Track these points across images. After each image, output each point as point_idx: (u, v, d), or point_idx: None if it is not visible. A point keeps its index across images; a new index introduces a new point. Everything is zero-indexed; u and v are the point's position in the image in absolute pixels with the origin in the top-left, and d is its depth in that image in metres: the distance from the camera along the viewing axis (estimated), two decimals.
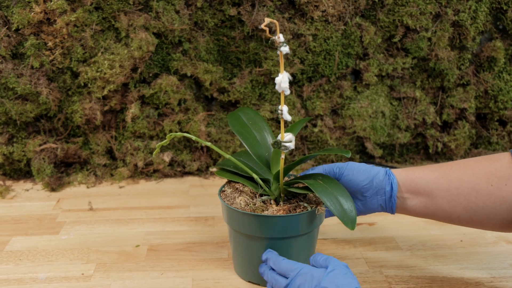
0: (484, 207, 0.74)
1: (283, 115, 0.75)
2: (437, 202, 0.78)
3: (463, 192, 0.76)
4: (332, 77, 1.30)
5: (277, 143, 0.76)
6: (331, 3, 1.22)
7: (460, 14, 1.25)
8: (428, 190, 0.78)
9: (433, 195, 0.78)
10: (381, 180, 0.81)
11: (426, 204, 0.79)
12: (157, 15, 1.20)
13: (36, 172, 1.23)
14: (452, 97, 1.33)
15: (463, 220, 0.77)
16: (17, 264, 0.91)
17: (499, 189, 0.73)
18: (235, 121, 0.91)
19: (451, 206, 0.77)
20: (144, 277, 0.87)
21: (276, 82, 0.72)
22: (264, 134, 0.91)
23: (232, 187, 0.88)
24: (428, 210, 0.79)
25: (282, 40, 0.70)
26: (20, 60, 1.19)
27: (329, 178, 0.78)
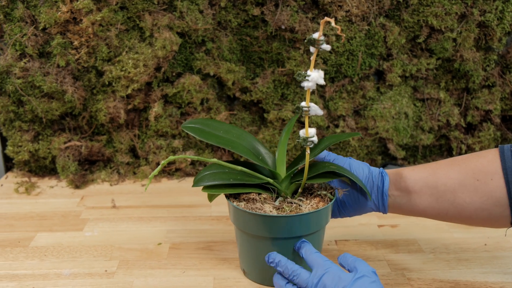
0: (471, 203, 0.75)
1: (310, 111, 0.75)
2: (425, 200, 0.79)
3: (450, 188, 0.77)
4: (355, 78, 1.29)
5: (304, 139, 0.77)
6: (355, 3, 1.21)
7: (486, 14, 1.23)
8: (416, 188, 0.80)
9: (421, 192, 0.79)
10: (376, 177, 0.82)
11: (415, 202, 0.80)
12: (181, 15, 1.20)
13: (60, 169, 1.25)
14: (477, 99, 1.31)
15: (452, 216, 0.78)
16: (42, 260, 0.92)
17: (485, 184, 0.74)
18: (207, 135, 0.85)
19: (439, 202, 0.78)
20: (166, 275, 0.87)
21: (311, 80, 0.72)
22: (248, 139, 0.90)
23: (239, 200, 0.83)
24: (417, 207, 0.80)
25: (323, 38, 0.70)
26: (47, 59, 1.20)
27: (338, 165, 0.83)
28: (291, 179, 0.85)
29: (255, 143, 0.90)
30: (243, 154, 0.83)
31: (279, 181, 0.84)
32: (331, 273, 0.69)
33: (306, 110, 0.75)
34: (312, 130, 0.77)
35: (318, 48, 0.71)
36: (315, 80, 0.73)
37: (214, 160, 0.79)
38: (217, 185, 0.81)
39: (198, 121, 0.89)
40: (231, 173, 0.83)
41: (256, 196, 0.84)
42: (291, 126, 0.91)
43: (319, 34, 0.70)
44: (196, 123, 0.88)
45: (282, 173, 0.86)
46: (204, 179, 0.82)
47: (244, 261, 0.86)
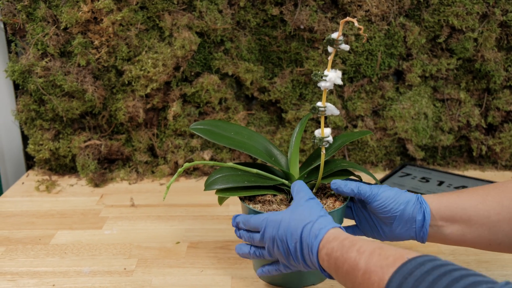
0: None
1: (326, 111, 0.75)
2: (476, 230, 0.73)
3: (505, 218, 0.71)
4: (374, 78, 1.28)
5: (320, 139, 0.77)
6: (374, 2, 1.20)
7: (508, 14, 1.22)
8: (465, 217, 0.73)
9: (471, 222, 0.73)
10: (413, 208, 0.75)
11: (464, 232, 0.74)
12: (200, 15, 1.21)
13: (80, 167, 1.26)
14: (498, 99, 1.29)
15: (505, 247, 0.73)
16: (62, 257, 0.93)
17: None
18: (217, 137, 0.85)
19: (491, 233, 0.72)
20: (184, 273, 0.88)
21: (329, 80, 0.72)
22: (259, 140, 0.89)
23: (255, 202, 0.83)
24: (466, 238, 0.74)
25: (341, 38, 0.70)
26: (68, 58, 1.22)
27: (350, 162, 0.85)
28: (304, 179, 0.84)
29: (267, 144, 0.90)
30: (255, 155, 0.83)
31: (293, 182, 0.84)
32: (271, 220, 0.73)
33: (322, 110, 0.75)
34: (327, 130, 0.77)
35: (337, 48, 0.71)
36: (333, 80, 0.72)
37: (230, 164, 0.79)
38: (231, 188, 0.81)
39: (206, 122, 0.88)
40: (244, 175, 0.82)
41: (272, 197, 0.84)
42: (303, 126, 0.90)
43: (338, 34, 0.70)
44: (205, 124, 0.87)
45: (295, 174, 0.85)
46: (217, 182, 0.81)
47: (258, 264, 0.86)
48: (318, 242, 0.67)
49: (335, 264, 0.64)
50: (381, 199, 0.76)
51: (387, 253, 0.58)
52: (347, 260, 0.62)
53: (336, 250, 0.64)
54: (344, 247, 0.63)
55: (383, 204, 0.76)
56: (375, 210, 0.78)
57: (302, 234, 0.69)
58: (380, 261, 0.57)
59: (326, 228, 0.68)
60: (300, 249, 0.69)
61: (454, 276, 0.51)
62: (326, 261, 0.66)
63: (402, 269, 0.54)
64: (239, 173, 0.83)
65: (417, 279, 0.52)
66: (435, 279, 0.51)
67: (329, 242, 0.66)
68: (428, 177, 1.24)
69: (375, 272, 0.57)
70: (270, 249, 0.74)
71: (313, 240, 0.68)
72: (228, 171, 0.84)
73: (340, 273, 0.63)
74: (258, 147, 0.87)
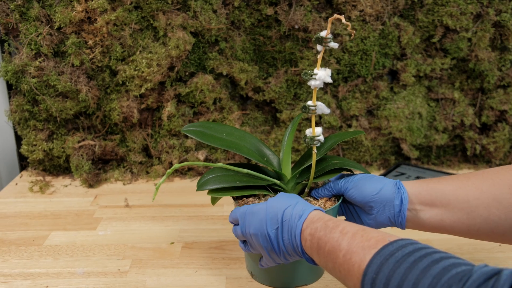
0: (506, 219, 0.69)
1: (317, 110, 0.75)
2: (454, 214, 0.72)
3: (484, 203, 0.70)
4: (368, 77, 1.28)
5: (311, 139, 0.77)
6: (369, 2, 1.20)
7: (502, 14, 1.22)
8: (444, 201, 0.73)
9: (450, 206, 0.72)
10: (390, 193, 0.75)
11: (442, 217, 0.73)
12: (194, 14, 1.21)
13: (74, 168, 1.26)
14: (492, 99, 1.30)
15: (483, 233, 0.72)
16: (56, 258, 0.93)
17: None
18: (209, 138, 0.85)
19: (470, 218, 0.71)
20: (179, 274, 0.88)
21: (319, 78, 0.72)
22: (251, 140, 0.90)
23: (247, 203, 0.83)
24: (445, 223, 0.73)
25: (330, 36, 0.70)
26: (61, 58, 1.21)
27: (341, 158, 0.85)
28: (296, 179, 0.85)
29: (259, 144, 0.90)
30: (248, 156, 0.83)
31: (285, 182, 0.84)
32: (249, 213, 0.74)
33: (313, 109, 0.75)
34: (318, 129, 0.77)
35: (326, 46, 0.71)
36: (322, 78, 0.72)
37: (220, 164, 0.79)
38: (223, 188, 0.81)
39: (198, 124, 0.88)
40: (236, 176, 0.83)
41: (262, 198, 0.84)
42: (295, 126, 0.90)
43: (326, 32, 0.70)
44: (197, 126, 0.87)
45: (287, 174, 0.85)
46: (209, 182, 0.81)
47: (250, 264, 0.86)
48: (302, 222, 0.67)
49: (318, 244, 0.64)
50: (355, 187, 0.78)
51: (369, 235, 0.59)
52: (329, 240, 0.62)
53: (319, 230, 0.64)
54: (327, 228, 0.64)
55: (358, 191, 0.77)
56: (352, 198, 0.78)
57: (284, 218, 0.70)
58: (362, 243, 0.58)
59: (309, 209, 0.69)
60: (281, 234, 0.69)
61: (435, 257, 0.51)
62: (309, 241, 0.66)
63: (384, 250, 0.55)
64: (231, 173, 0.83)
65: (398, 260, 0.52)
66: (416, 260, 0.51)
67: (313, 222, 0.66)
68: (422, 176, 1.24)
69: (356, 253, 0.57)
70: (250, 240, 0.74)
71: (297, 220, 0.68)
72: (221, 172, 0.84)
73: (322, 253, 0.63)
74: (250, 148, 0.87)
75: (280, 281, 0.83)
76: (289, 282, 0.83)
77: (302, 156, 0.88)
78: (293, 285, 0.84)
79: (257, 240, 0.72)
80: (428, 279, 0.49)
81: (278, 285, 0.83)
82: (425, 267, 0.50)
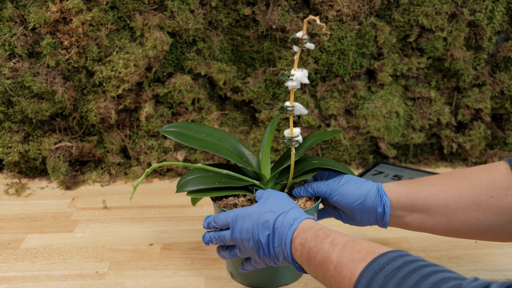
0: (484, 220, 0.72)
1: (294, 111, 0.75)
2: (434, 218, 0.75)
3: (462, 207, 0.73)
4: (346, 77, 1.29)
5: (290, 139, 0.77)
6: (345, 2, 1.21)
7: (476, 14, 1.24)
8: (425, 206, 0.75)
9: (430, 211, 0.75)
10: (373, 200, 0.77)
11: (422, 220, 0.76)
12: (171, 15, 1.20)
13: (51, 170, 1.24)
14: (467, 98, 1.31)
15: (462, 233, 0.75)
16: (32, 262, 0.91)
17: (500, 200, 0.71)
18: (188, 139, 0.84)
19: (449, 221, 0.74)
20: (158, 275, 0.87)
21: (296, 79, 0.72)
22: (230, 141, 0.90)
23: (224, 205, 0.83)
24: (425, 225, 0.76)
25: (306, 37, 0.70)
26: (36, 59, 1.20)
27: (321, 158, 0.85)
28: (276, 179, 0.85)
29: (238, 145, 0.90)
30: (226, 157, 0.83)
31: (265, 182, 0.84)
32: (241, 216, 0.73)
33: (290, 109, 0.75)
34: (296, 130, 0.77)
35: (302, 47, 0.71)
36: (299, 79, 0.72)
37: (199, 165, 0.79)
38: (202, 190, 0.80)
39: (178, 124, 0.88)
40: (215, 177, 0.82)
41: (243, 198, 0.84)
42: (274, 126, 0.90)
43: (302, 33, 0.70)
44: (176, 126, 0.87)
45: (267, 174, 0.86)
46: (188, 184, 0.81)
47: (230, 264, 0.86)
48: (292, 231, 0.67)
49: (308, 254, 0.64)
50: (339, 194, 0.78)
51: (359, 247, 0.59)
52: (320, 251, 0.62)
53: (310, 240, 0.64)
54: (318, 238, 0.64)
55: (342, 198, 0.78)
56: (336, 204, 0.80)
57: (275, 225, 0.69)
58: (352, 255, 0.58)
59: (300, 218, 0.69)
60: (272, 241, 0.69)
61: (424, 272, 0.51)
62: (299, 251, 0.66)
63: (373, 264, 0.55)
64: (210, 174, 0.83)
65: (388, 275, 0.52)
66: (405, 276, 0.51)
67: (303, 231, 0.66)
68: (400, 174, 1.26)
69: (346, 266, 0.57)
70: (240, 245, 0.74)
71: (287, 229, 0.68)
72: (200, 172, 0.84)
73: (312, 264, 0.63)
74: (229, 148, 0.87)
75: (260, 281, 0.83)
76: (269, 282, 0.83)
77: (282, 156, 0.88)
78: (273, 285, 0.84)
79: (248, 244, 0.72)
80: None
81: (258, 285, 0.83)
82: (414, 283, 0.50)
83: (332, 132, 0.90)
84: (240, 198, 0.83)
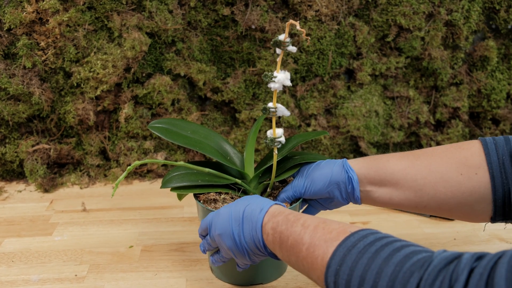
0: (453, 197, 0.71)
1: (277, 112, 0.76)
2: (402, 193, 0.74)
3: (431, 182, 0.72)
4: (325, 77, 1.30)
5: (272, 140, 0.77)
6: (324, 2, 1.22)
7: (453, 13, 1.26)
8: (393, 181, 0.74)
9: (398, 185, 0.74)
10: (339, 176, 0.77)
11: (391, 195, 0.75)
12: (150, 15, 1.19)
13: (29, 173, 1.22)
14: (445, 96, 1.33)
15: (431, 209, 0.74)
16: (9, 266, 0.90)
17: (469, 178, 0.70)
18: (174, 136, 0.85)
19: (417, 196, 0.73)
20: (138, 278, 0.86)
21: (278, 81, 0.72)
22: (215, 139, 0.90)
23: (204, 199, 0.83)
24: (393, 201, 0.76)
25: (288, 40, 0.70)
26: (12, 60, 1.18)
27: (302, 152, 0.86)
28: (259, 179, 0.85)
29: (223, 143, 0.90)
30: (210, 155, 0.83)
31: (248, 181, 0.84)
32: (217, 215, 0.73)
33: (273, 111, 0.75)
34: (279, 131, 0.77)
35: (284, 50, 0.71)
36: (281, 81, 0.73)
37: (181, 163, 0.79)
38: (186, 186, 0.81)
39: (165, 121, 0.88)
40: (199, 174, 0.83)
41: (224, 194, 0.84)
42: (258, 126, 0.90)
43: (285, 36, 0.70)
44: (163, 123, 0.87)
45: (250, 173, 0.86)
46: (172, 180, 0.82)
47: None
48: (262, 216, 0.68)
49: (280, 238, 0.64)
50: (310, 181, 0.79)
51: (330, 227, 0.59)
52: (291, 234, 0.62)
53: (281, 224, 0.65)
54: (289, 221, 0.64)
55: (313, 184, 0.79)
56: (312, 194, 0.80)
57: (244, 213, 0.69)
58: (324, 235, 0.58)
59: (270, 204, 0.69)
60: (242, 230, 0.69)
61: (395, 246, 0.52)
62: (271, 235, 0.66)
63: (346, 242, 0.55)
64: (195, 172, 0.84)
65: (360, 250, 0.53)
66: (377, 250, 0.52)
67: (274, 216, 0.67)
68: None
69: (319, 246, 0.58)
70: (219, 243, 0.74)
71: (258, 214, 0.68)
72: (185, 169, 0.84)
73: (285, 248, 0.63)
74: (214, 146, 0.88)
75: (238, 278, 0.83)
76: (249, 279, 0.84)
77: (266, 156, 0.88)
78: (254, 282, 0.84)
79: (224, 240, 0.72)
80: (390, 267, 0.50)
81: (236, 281, 0.84)
82: (387, 256, 0.51)
83: (316, 133, 0.91)
84: (221, 196, 0.83)
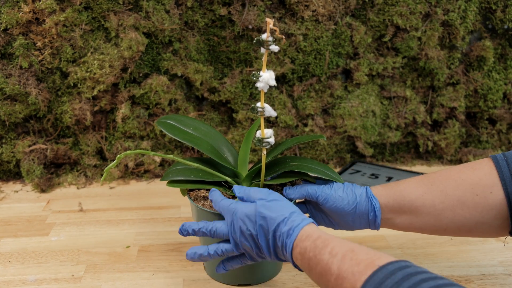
0: (471, 218, 0.74)
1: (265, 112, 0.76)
2: (422, 219, 0.77)
3: (449, 206, 0.74)
4: (322, 77, 1.30)
5: (260, 140, 0.77)
6: (321, 2, 1.22)
7: (449, 13, 1.26)
8: (412, 208, 0.77)
9: (417, 212, 0.76)
10: (364, 205, 0.78)
11: (411, 221, 0.77)
12: (147, 15, 1.19)
13: (25, 173, 1.22)
14: (442, 96, 1.33)
15: (450, 231, 0.77)
16: (6, 266, 0.90)
17: (485, 198, 0.72)
18: (175, 131, 0.86)
19: (437, 220, 0.76)
20: (135, 278, 0.86)
21: (262, 80, 0.72)
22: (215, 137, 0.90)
23: (194, 196, 0.84)
24: (414, 226, 0.78)
25: (271, 39, 0.70)
26: (9, 60, 1.18)
27: (300, 158, 0.83)
28: (252, 178, 0.85)
29: (222, 141, 0.90)
30: (206, 152, 0.84)
31: (240, 180, 0.85)
32: (239, 213, 0.72)
33: (260, 110, 0.76)
34: (268, 131, 0.77)
35: (267, 49, 0.71)
36: (266, 80, 0.73)
37: (170, 156, 0.80)
38: (180, 181, 0.83)
39: (171, 116, 0.91)
40: (194, 170, 0.85)
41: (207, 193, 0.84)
42: (256, 126, 0.91)
43: (266, 35, 0.70)
44: (170, 118, 0.90)
45: (243, 172, 0.86)
46: (169, 174, 0.85)
47: (211, 264, 0.86)
48: (292, 242, 0.67)
49: (309, 264, 0.64)
50: (332, 202, 0.78)
51: (358, 258, 0.59)
52: (320, 263, 0.62)
53: (309, 250, 0.65)
54: (317, 248, 0.64)
55: (335, 205, 0.78)
56: (328, 211, 0.80)
57: (276, 232, 0.69)
58: (352, 267, 0.58)
59: (299, 227, 0.68)
60: (273, 245, 0.70)
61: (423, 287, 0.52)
62: (300, 260, 0.66)
63: (373, 278, 0.55)
64: (190, 168, 0.85)
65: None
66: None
67: (302, 241, 0.66)
68: (377, 173, 1.27)
69: (347, 279, 0.58)
70: (237, 241, 0.72)
71: (286, 239, 0.68)
72: (182, 165, 0.87)
73: (314, 274, 0.64)
74: (212, 144, 0.88)
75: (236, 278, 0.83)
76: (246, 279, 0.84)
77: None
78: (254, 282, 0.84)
79: (247, 242, 0.71)
80: None
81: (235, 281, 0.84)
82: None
83: (312, 136, 0.91)
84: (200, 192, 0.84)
